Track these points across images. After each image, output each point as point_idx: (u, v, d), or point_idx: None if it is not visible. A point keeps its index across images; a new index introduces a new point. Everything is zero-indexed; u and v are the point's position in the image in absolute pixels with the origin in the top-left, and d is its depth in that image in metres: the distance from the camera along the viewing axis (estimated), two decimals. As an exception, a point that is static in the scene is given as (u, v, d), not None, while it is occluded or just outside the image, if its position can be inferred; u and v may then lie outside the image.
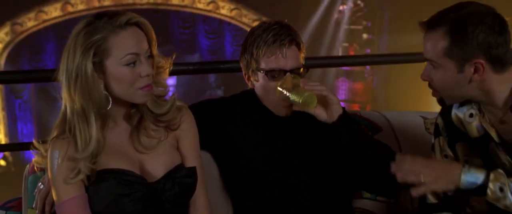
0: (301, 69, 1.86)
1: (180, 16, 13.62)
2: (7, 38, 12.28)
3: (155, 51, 1.62)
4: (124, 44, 1.54)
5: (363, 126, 2.17)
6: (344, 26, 12.18)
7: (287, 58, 1.83)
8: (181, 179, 1.65)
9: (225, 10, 13.41)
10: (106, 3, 12.22)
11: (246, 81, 1.94)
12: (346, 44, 12.25)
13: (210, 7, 13.33)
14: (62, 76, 1.54)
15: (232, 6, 13.28)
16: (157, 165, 1.64)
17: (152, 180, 1.62)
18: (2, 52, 12.35)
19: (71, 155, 1.54)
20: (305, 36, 11.97)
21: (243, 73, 1.94)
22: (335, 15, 12.22)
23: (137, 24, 1.58)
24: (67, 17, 12.34)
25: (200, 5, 13.28)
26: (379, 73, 12.07)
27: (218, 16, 13.51)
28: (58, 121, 1.59)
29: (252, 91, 1.95)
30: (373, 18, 11.83)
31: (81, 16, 11.56)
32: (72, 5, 12.33)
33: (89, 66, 1.51)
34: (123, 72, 1.55)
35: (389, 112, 2.30)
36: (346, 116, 1.80)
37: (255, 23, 2.00)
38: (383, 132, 2.18)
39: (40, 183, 1.72)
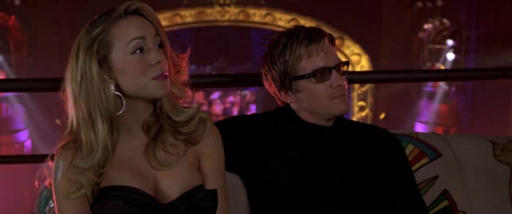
0: (343, 65, 1.73)
1: (260, 33, 13.59)
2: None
3: (165, 40, 1.47)
4: (126, 32, 1.41)
5: (420, 150, 1.92)
6: (428, 46, 11.70)
7: (329, 54, 1.71)
8: (198, 202, 1.47)
9: (306, 28, 13.27)
10: (188, 19, 12.37)
11: (281, 98, 1.78)
12: (430, 64, 11.76)
13: (290, 24, 13.22)
14: (68, 84, 1.42)
15: (313, 24, 13.11)
16: (173, 184, 1.48)
17: (166, 201, 1.46)
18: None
19: (75, 165, 1.40)
20: (387, 54, 11.60)
21: (274, 91, 1.78)
22: (420, 34, 11.77)
23: (138, 12, 1.44)
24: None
25: (280, 23, 13.19)
26: (464, 94, 11.49)
27: (299, 34, 13.38)
28: (66, 133, 1.46)
29: (287, 107, 1.77)
30: (459, 37, 11.29)
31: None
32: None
33: (94, 65, 1.39)
34: (131, 62, 1.41)
35: (452, 134, 2.04)
36: None
37: (337, 42, 1.86)
38: (443, 157, 1.93)
39: (51, 201, 1.60)
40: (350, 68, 1.79)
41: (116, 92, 1.43)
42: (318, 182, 1.70)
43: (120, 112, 1.44)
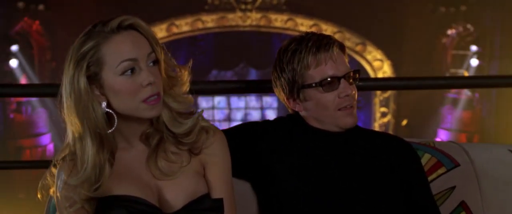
0: (353, 74, 1.69)
1: (282, 38, 13.51)
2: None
3: (161, 55, 1.43)
4: (117, 51, 1.37)
5: (437, 160, 1.87)
6: (451, 51, 11.54)
7: (338, 63, 1.67)
8: (203, 211, 1.45)
9: (328, 33, 13.16)
10: (210, 24, 12.39)
11: (290, 105, 1.75)
12: (454, 70, 11.61)
13: (312, 30, 13.15)
14: (62, 94, 1.40)
15: (335, 29, 13.02)
16: (177, 194, 1.45)
17: (170, 210, 1.44)
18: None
19: (69, 181, 1.39)
20: (408, 60, 11.49)
21: (284, 98, 1.75)
22: (443, 40, 11.62)
23: (133, 27, 1.40)
24: (172, 38, 12.64)
25: (302, 28, 13.13)
26: (488, 101, 11.31)
27: (321, 39, 13.29)
28: (64, 144, 1.45)
29: (297, 114, 1.75)
30: (483, 43, 11.12)
31: (184, 38, 11.75)
32: (177, 26, 12.62)
33: (82, 81, 1.36)
34: (121, 83, 1.37)
35: (470, 143, 1.99)
36: None
37: (358, 47, 1.81)
38: (461, 167, 1.88)
39: None
40: (372, 74, 1.76)
41: (107, 110, 1.41)
42: (325, 186, 1.67)
43: (111, 130, 1.42)
